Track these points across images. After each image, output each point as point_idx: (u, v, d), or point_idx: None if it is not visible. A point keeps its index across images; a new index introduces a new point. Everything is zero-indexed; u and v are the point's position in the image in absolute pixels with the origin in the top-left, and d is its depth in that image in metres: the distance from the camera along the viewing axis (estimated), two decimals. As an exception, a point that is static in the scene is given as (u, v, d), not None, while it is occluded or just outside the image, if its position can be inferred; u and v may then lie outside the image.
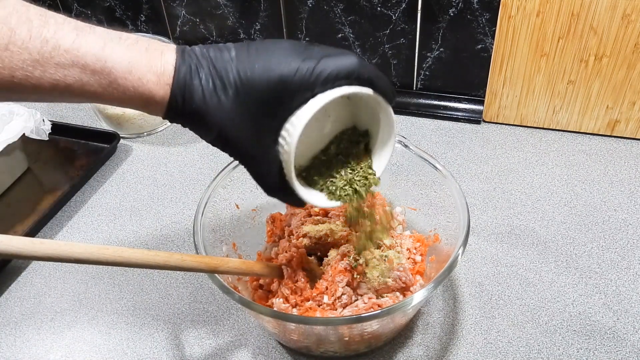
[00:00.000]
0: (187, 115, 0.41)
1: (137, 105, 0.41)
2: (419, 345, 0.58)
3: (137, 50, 0.40)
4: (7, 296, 0.67)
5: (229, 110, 0.41)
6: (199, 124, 0.42)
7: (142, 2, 0.98)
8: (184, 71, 0.40)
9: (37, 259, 0.39)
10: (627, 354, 0.56)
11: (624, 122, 0.81)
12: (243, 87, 0.40)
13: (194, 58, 0.41)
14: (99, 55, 0.38)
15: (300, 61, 0.40)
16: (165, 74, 0.40)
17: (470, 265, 0.66)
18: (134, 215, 0.77)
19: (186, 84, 0.40)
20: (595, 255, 0.66)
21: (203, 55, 0.41)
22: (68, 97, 0.40)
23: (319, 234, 0.58)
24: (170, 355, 0.59)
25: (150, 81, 0.40)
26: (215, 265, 0.49)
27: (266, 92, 0.40)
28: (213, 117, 0.41)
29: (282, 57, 0.40)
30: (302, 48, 0.41)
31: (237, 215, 0.64)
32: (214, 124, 0.41)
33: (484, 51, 0.83)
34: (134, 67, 0.39)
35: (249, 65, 0.40)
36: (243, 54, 0.41)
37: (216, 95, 0.40)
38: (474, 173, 0.79)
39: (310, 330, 0.52)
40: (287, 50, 0.41)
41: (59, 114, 0.97)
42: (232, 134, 0.42)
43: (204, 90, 0.40)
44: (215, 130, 0.42)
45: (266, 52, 0.41)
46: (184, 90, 0.40)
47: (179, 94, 0.40)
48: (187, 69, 0.40)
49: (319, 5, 0.87)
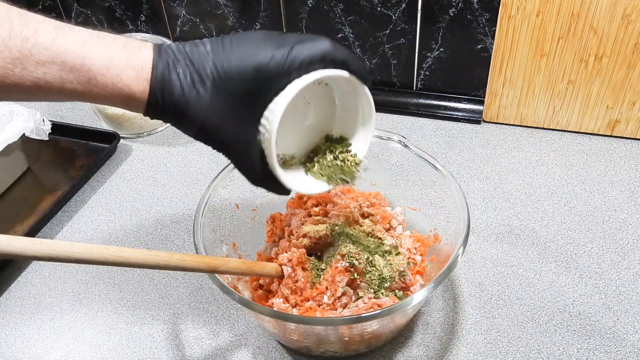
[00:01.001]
0: (167, 110, 0.42)
1: (118, 102, 0.42)
2: (419, 345, 0.58)
3: (116, 47, 0.41)
4: (7, 296, 0.67)
5: (209, 103, 0.41)
6: (179, 118, 0.43)
7: (142, 2, 0.98)
8: (161, 67, 0.41)
9: (37, 259, 0.39)
10: (627, 354, 0.56)
11: (624, 122, 0.81)
12: (220, 79, 0.41)
13: (170, 54, 0.41)
14: (78, 52, 0.39)
15: (275, 49, 0.41)
16: (143, 69, 0.41)
17: (470, 265, 0.66)
18: (134, 215, 0.77)
19: (164, 79, 0.41)
20: (595, 255, 0.66)
21: (179, 51, 0.42)
22: (49, 96, 0.41)
23: (318, 234, 0.58)
24: (170, 355, 0.59)
25: (129, 77, 0.40)
26: (215, 265, 0.49)
27: (243, 81, 0.41)
28: (193, 110, 0.42)
29: (257, 46, 0.41)
30: (276, 36, 0.42)
31: (237, 215, 0.64)
32: (194, 117, 0.42)
33: (484, 51, 0.83)
34: (112, 64, 0.40)
35: (225, 57, 0.41)
36: (218, 47, 0.42)
37: (195, 89, 0.41)
38: (474, 173, 0.79)
39: (310, 330, 0.52)
40: (260, 39, 0.42)
41: (59, 114, 0.97)
42: (213, 126, 0.42)
43: (182, 84, 0.41)
44: (196, 124, 0.42)
45: (240, 44, 0.42)
46: (163, 85, 0.41)
47: (158, 88, 0.41)
48: (164, 64, 0.41)
49: (319, 5, 0.87)
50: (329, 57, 0.42)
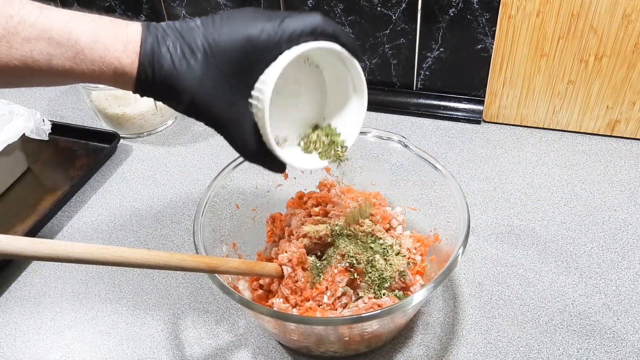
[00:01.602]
0: (157, 85, 0.42)
1: (107, 77, 0.41)
2: (419, 345, 0.58)
3: (102, 23, 0.41)
4: (7, 296, 0.67)
5: (200, 75, 0.41)
6: (170, 93, 0.42)
7: (142, 2, 0.98)
8: (150, 40, 0.41)
9: (37, 259, 0.39)
10: (627, 354, 0.56)
11: (624, 122, 0.81)
12: (211, 51, 0.41)
13: (159, 29, 0.42)
14: (64, 27, 0.39)
15: (265, 22, 0.42)
16: (131, 42, 0.41)
17: (470, 265, 0.66)
18: (134, 215, 0.77)
19: (154, 51, 0.41)
20: (595, 255, 0.66)
21: (169, 26, 0.42)
22: (38, 76, 0.40)
23: (318, 234, 0.58)
24: (170, 355, 0.59)
25: (117, 50, 0.40)
26: (215, 265, 0.49)
27: (234, 53, 0.41)
28: (184, 83, 0.41)
29: (247, 20, 0.42)
30: (266, 12, 0.43)
31: (237, 215, 0.64)
32: (185, 90, 0.42)
33: (484, 51, 0.83)
34: (99, 38, 0.40)
35: (215, 31, 0.42)
36: (208, 22, 0.42)
37: (185, 61, 0.41)
38: (474, 173, 0.79)
39: (310, 330, 0.52)
40: (251, 15, 0.42)
41: (59, 114, 0.97)
42: (205, 99, 0.42)
43: (173, 57, 0.41)
44: (187, 97, 0.42)
45: (231, 19, 0.42)
46: (153, 58, 0.41)
47: (148, 62, 0.41)
48: (153, 38, 0.41)
49: (318, 5, 0.87)
50: (319, 29, 0.43)
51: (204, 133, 0.90)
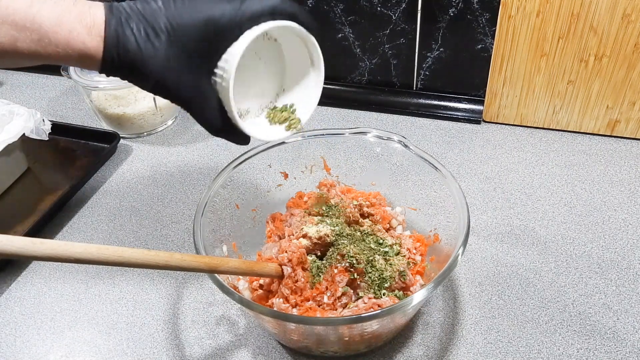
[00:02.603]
0: (123, 66, 0.43)
1: (73, 60, 0.42)
2: (419, 345, 0.58)
3: (65, 6, 0.41)
4: (7, 296, 0.67)
5: (164, 56, 0.43)
6: (136, 74, 0.43)
7: None
8: (114, 23, 0.42)
9: (37, 259, 0.39)
10: (627, 354, 0.56)
11: (624, 122, 0.81)
12: (175, 32, 0.42)
13: (122, 11, 0.42)
14: (27, 11, 0.40)
15: (226, 2, 0.43)
16: (95, 26, 0.41)
17: (470, 265, 0.66)
18: (134, 215, 0.77)
19: (118, 34, 0.42)
20: (595, 255, 0.66)
21: (131, 8, 0.43)
22: (6, 58, 0.41)
23: (318, 234, 0.58)
24: (170, 355, 0.59)
25: (81, 33, 0.41)
26: (215, 265, 0.49)
27: (197, 33, 0.43)
28: (149, 64, 0.43)
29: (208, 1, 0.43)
30: None
31: (237, 215, 0.64)
32: (151, 70, 0.43)
33: (484, 51, 0.83)
34: (63, 21, 0.41)
35: (177, 12, 0.42)
36: (170, 3, 0.43)
37: (150, 42, 0.42)
38: (474, 173, 0.79)
39: (310, 330, 0.52)
40: None
41: (59, 114, 0.97)
42: (170, 79, 0.44)
43: (137, 39, 0.42)
44: (153, 77, 0.43)
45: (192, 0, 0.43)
46: (117, 41, 0.42)
47: (113, 44, 0.42)
48: (117, 20, 0.42)
49: (319, 5, 0.87)
50: (278, 9, 0.44)
51: (204, 133, 0.90)
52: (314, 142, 0.67)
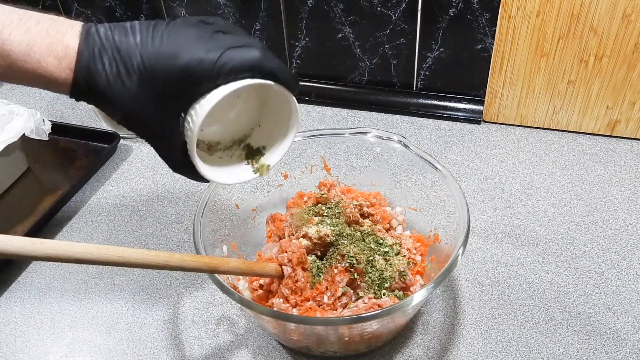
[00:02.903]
0: (92, 97, 0.42)
1: (41, 85, 0.42)
2: (419, 345, 0.58)
3: (37, 32, 0.40)
4: (7, 296, 0.67)
5: (134, 95, 0.42)
6: (104, 106, 0.43)
7: (142, 2, 0.98)
8: (86, 55, 0.41)
9: (37, 259, 0.39)
10: (627, 354, 0.56)
11: (624, 122, 0.81)
12: (147, 74, 0.41)
13: (97, 42, 0.41)
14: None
15: (205, 52, 0.41)
16: (66, 57, 0.40)
17: (470, 265, 0.66)
18: (134, 215, 0.77)
19: (89, 68, 0.41)
20: (595, 255, 0.66)
21: (107, 38, 0.41)
22: None
23: (318, 234, 0.58)
24: (170, 355, 0.59)
25: (50, 64, 0.40)
26: (215, 265, 0.49)
27: (170, 80, 0.41)
28: (117, 101, 0.42)
29: (187, 45, 0.41)
30: (208, 36, 0.42)
31: (237, 215, 0.64)
32: (119, 107, 0.42)
33: (484, 51, 0.83)
34: (33, 51, 0.40)
35: (154, 52, 0.41)
36: (148, 39, 0.41)
37: (120, 81, 0.41)
38: (474, 173, 0.79)
39: (310, 330, 0.52)
40: (192, 38, 0.41)
41: (59, 114, 0.97)
42: (137, 117, 0.43)
43: (108, 75, 0.41)
44: (120, 112, 0.43)
45: (171, 39, 0.41)
46: (87, 74, 0.41)
47: (82, 78, 0.41)
48: (90, 53, 0.41)
49: (319, 5, 0.87)
50: (258, 67, 0.42)
51: (204, 133, 0.90)
52: (314, 142, 0.67)
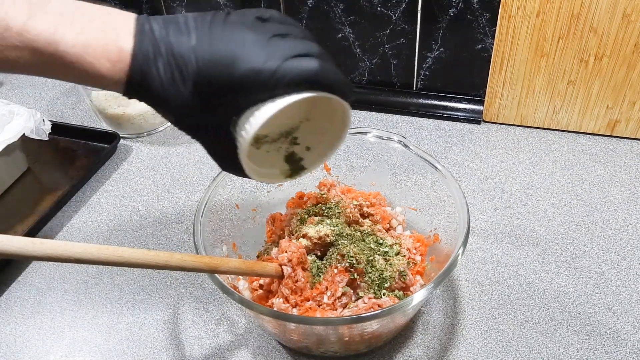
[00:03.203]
0: (145, 98, 0.42)
1: (91, 85, 0.41)
2: (419, 345, 0.58)
3: (91, 32, 0.39)
4: (7, 296, 0.67)
5: (187, 101, 0.41)
6: (157, 107, 0.43)
7: (142, 2, 0.98)
8: (140, 59, 0.40)
9: (37, 259, 0.39)
10: (627, 354, 0.56)
11: (624, 122, 0.81)
12: (202, 81, 0.40)
13: (152, 43, 0.40)
14: (50, 39, 0.38)
15: (263, 61, 0.39)
16: (120, 61, 0.39)
17: (470, 265, 0.66)
18: (134, 215, 0.77)
19: (143, 72, 0.40)
20: (595, 255, 0.66)
21: (162, 40, 0.40)
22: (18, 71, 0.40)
23: (318, 234, 0.58)
24: (170, 355, 0.59)
25: (103, 66, 0.39)
26: (215, 265, 0.49)
27: (225, 88, 0.40)
28: (170, 105, 0.41)
29: (244, 52, 0.40)
30: (265, 41, 0.40)
31: (237, 215, 0.64)
32: (171, 111, 0.42)
33: (484, 51, 0.83)
34: (87, 52, 0.39)
35: (209, 58, 0.40)
36: (204, 42, 0.40)
37: (174, 86, 0.40)
38: (474, 173, 0.79)
39: (310, 330, 0.52)
40: (248, 42, 0.40)
41: (59, 114, 0.97)
42: (190, 121, 0.43)
43: (162, 80, 0.40)
44: (173, 116, 0.43)
45: (227, 42, 0.40)
46: (141, 78, 0.40)
47: (136, 81, 0.40)
48: (144, 56, 0.40)
49: (319, 5, 0.87)
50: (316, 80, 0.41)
51: (204, 133, 0.90)
52: (314, 142, 0.67)
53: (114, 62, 0.39)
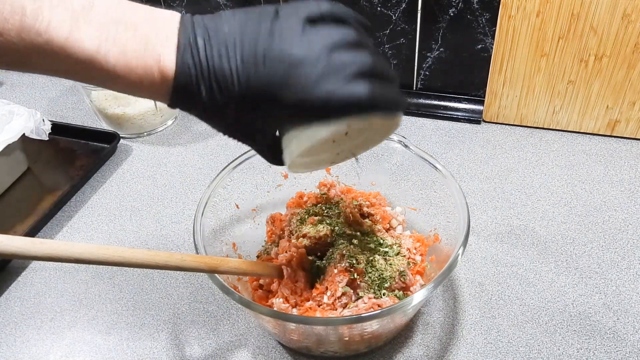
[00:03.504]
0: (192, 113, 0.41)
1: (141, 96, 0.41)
2: (419, 345, 0.58)
3: (134, 49, 0.37)
4: (7, 296, 0.67)
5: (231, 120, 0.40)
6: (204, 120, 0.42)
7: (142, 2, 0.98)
8: (183, 80, 0.38)
9: (37, 259, 0.39)
10: (627, 354, 0.56)
11: (624, 122, 0.81)
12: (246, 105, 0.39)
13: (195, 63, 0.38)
14: (93, 56, 0.37)
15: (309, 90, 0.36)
16: (163, 84, 0.38)
17: (470, 265, 0.66)
18: (134, 215, 0.77)
19: (186, 93, 0.38)
20: (595, 255, 0.66)
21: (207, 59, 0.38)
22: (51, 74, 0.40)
23: (319, 234, 0.58)
24: (170, 355, 0.59)
25: (145, 87, 0.39)
26: (215, 265, 0.49)
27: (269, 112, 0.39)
28: (214, 123, 0.41)
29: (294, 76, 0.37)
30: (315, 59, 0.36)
31: (237, 215, 0.64)
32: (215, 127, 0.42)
33: (484, 51, 0.83)
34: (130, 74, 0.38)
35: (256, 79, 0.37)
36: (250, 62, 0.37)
37: (218, 108, 0.39)
38: (474, 173, 0.79)
39: (310, 330, 0.52)
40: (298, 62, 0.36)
41: (59, 114, 0.97)
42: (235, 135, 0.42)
43: (205, 102, 0.39)
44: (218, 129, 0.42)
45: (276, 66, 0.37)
46: (184, 97, 0.39)
47: (179, 100, 0.39)
48: (186, 78, 0.38)
49: (319, 5, 0.87)
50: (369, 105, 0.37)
51: (204, 133, 0.90)
52: (314, 142, 0.67)
53: (156, 86, 0.38)
